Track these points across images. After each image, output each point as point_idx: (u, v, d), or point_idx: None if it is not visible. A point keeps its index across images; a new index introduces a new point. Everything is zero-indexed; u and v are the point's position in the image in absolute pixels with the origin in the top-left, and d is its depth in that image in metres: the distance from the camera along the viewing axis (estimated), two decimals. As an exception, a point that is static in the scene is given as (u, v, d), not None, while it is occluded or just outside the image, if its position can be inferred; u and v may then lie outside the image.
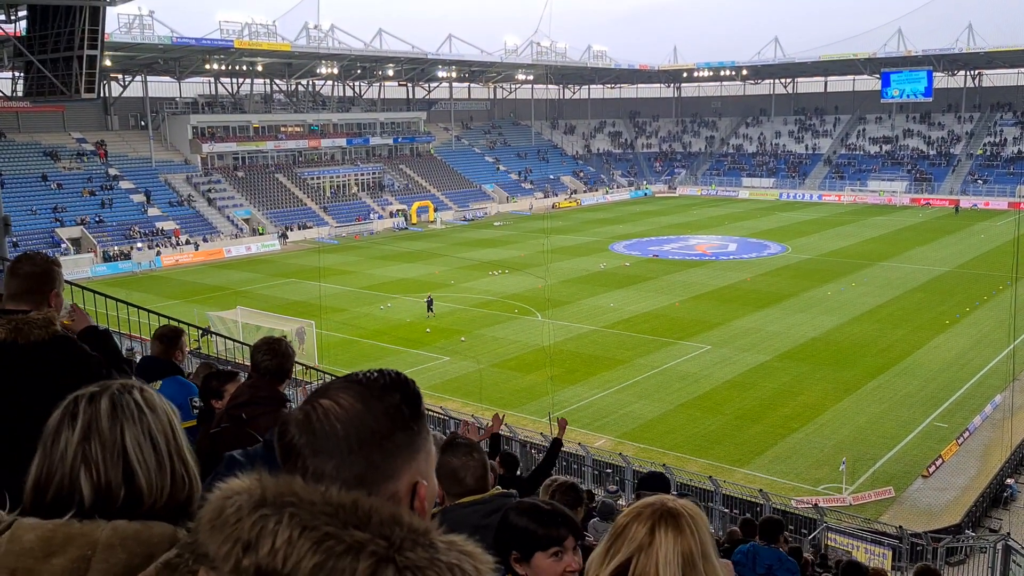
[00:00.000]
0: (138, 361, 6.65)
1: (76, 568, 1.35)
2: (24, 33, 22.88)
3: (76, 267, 50.42)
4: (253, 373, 4.20)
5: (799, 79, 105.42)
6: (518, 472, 8.87)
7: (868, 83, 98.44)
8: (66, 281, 3.78)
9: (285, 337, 3.88)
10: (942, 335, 36.41)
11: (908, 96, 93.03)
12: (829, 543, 19.45)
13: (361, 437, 1.26)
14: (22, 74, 23.90)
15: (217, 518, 1.09)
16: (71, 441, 1.43)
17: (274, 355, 4.09)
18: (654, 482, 4.73)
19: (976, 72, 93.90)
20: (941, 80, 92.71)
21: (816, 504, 21.15)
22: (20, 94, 24.78)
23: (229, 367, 9.44)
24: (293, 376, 5.46)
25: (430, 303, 41.36)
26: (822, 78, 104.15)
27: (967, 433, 26.24)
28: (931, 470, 23.88)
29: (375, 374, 1.36)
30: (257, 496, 1.09)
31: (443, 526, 1.14)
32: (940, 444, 25.40)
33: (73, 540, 1.37)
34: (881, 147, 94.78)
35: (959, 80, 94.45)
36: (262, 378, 4.09)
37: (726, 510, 20.45)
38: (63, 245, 55.98)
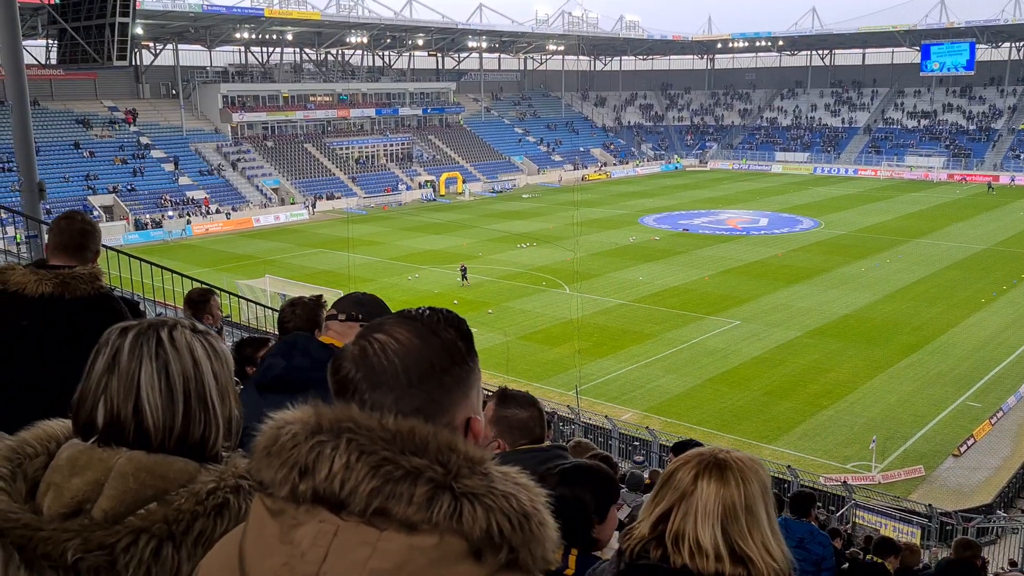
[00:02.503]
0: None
1: (90, 490, 1.40)
2: (58, 1, 22.98)
3: (109, 235, 51.00)
4: (280, 337, 4.15)
5: (836, 51, 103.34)
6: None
7: (907, 55, 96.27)
8: (102, 245, 3.78)
9: (322, 297, 3.82)
10: (977, 314, 35.78)
11: (949, 69, 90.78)
12: (857, 520, 19.31)
13: (421, 371, 1.24)
14: (55, 41, 24.04)
15: (273, 444, 1.12)
16: (96, 370, 1.47)
17: (294, 313, 4.03)
18: (690, 445, 4.64)
19: (1021, 44, 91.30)
20: (984, 52, 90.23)
21: (845, 481, 20.97)
22: (54, 61, 24.97)
23: (259, 335, 9.46)
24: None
25: (464, 271, 41.57)
26: (860, 50, 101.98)
27: (1000, 413, 25.83)
28: (962, 449, 23.57)
29: (428, 311, 1.33)
30: (313, 423, 1.12)
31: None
32: (972, 424, 25.04)
33: (92, 464, 1.42)
34: (919, 121, 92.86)
35: (1003, 52, 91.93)
36: None
37: (753, 486, 20.32)
38: (95, 212, 56.65)
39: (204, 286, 7.21)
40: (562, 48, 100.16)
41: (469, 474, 1.07)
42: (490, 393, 3.54)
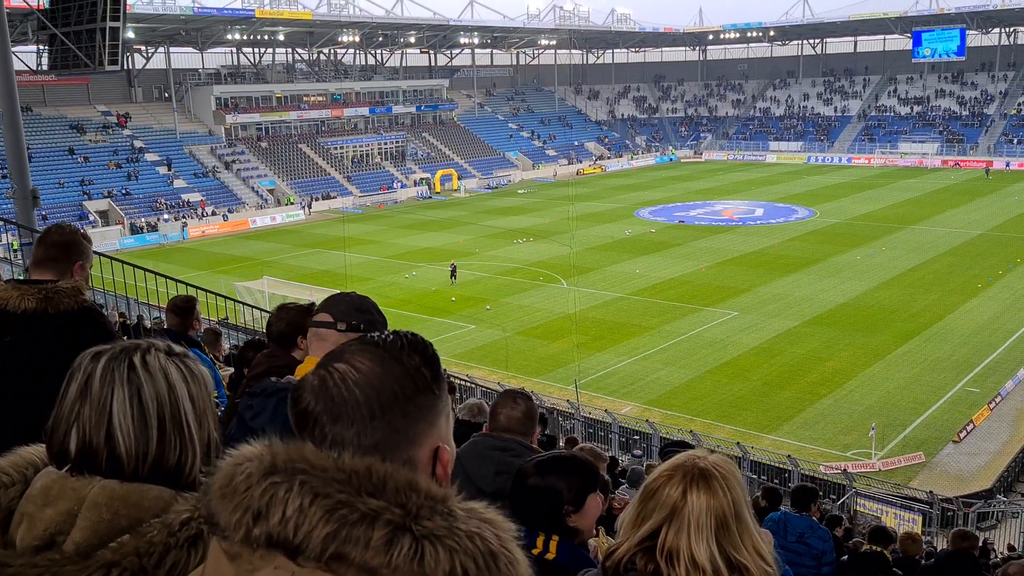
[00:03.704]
0: (155, 334, 6.66)
1: (63, 521, 1.37)
2: (47, 5, 22.90)
3: (104, 239, 50.96)
4: (269, 343, 4.15)
5: (828, 39, 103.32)
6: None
7: (899, 43, 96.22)
8: (95, 252, 3.75)
9: (313, 305, 3.78)
10: (974, 299, 35.85)
11: (940, 55, 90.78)
12: (858, 509, 19.36)
13: (382, 401, 1.19)
14: (46, 47, 23.96)
15: (227, 486, 1.06)
16: (69, 397, 1.44)
17: (279, 317, 4.03)
18: (679, 448, 4.70)
19: (1011, 29, 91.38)
20: (974, 38, 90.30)
21: (845, 470, 21.03)
22: (45, 67, 24.89)
23: (257, 336, 9.47)
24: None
25: (453, 270, 41.51)
26: (851, 38, 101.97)
27: (999, 398, 25.89)
28: (962, 435, 23.63)
29: (391, 336, 1.29)
30: (267, 463, 1.06)
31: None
32: (971, 409, 25.09)
33: (65, 494, 1.38)
34: (912, 108, 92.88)
35: (993, 38, 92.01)
36: (278, 346, 4.05)
37: (754, 476, 20.38)
38: (91, 217, 56.57)
39: (185, 294, 7.19)
40: (554, 42, 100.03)
41: (430, 514, 1.02)
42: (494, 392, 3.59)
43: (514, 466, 3.14)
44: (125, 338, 3.23)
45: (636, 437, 23.07)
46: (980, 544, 12.38)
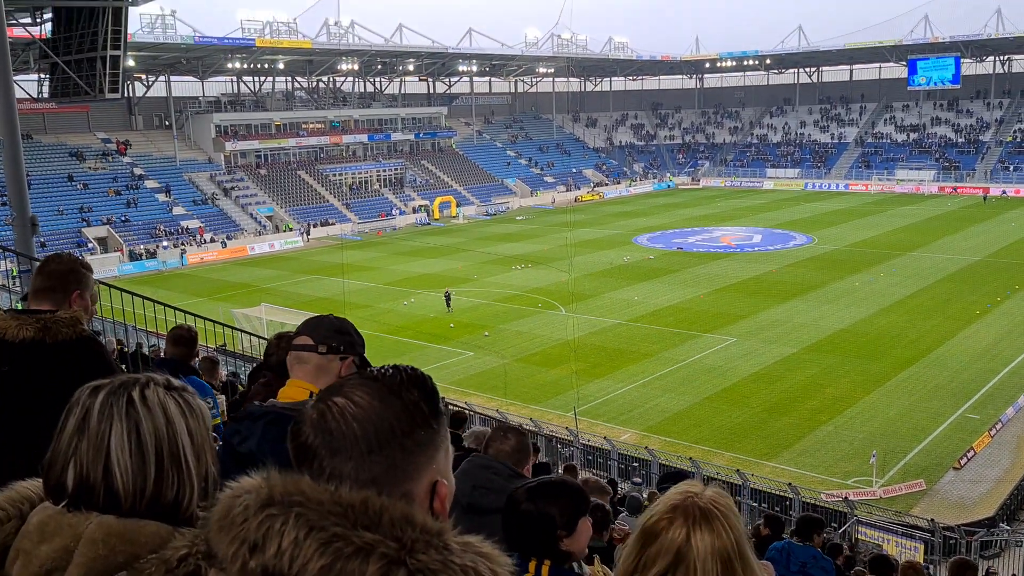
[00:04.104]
0: (154, 362, 6.62)
1: (59, 558, 1.35)
2: (49, 35, 23.10)
3: (103, 266, 50.97)
4: (266, 372, 4.12)
5: (824, 68, 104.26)
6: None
7: (894, 71, 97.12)
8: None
9: None
10: (973, 325, 35.84)
11: (935, 83, 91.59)
12: (860, 537, 19.20)
13: (380, 436, 1.21)
14: (47, 76, 24.15)
15: (225, 518, 1.08)
16: (67, 432, 1.43)
17: (279, 346, 4.00)
18: (676, 480, 4.73)
19: (1005, 58, 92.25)
20: (969, 66, 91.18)
21: (846, 497, 20.88)
22: (46, 95, 25.05)
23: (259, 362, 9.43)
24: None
25: (448, 298, 41.33)
26: (847, 66, 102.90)
27: (999, 424, 25.79)
28: (963, 462, 23.50)
29: (391, 370, 1.30)
30: (264, 495, 1.08)
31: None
32: (972, 436, 24.98)
33: (62, 530, 1.37)
34: (908, 135, 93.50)
35: (987, 66, 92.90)
36: (277, 376, 4.02)
37: (755, 504, 20.24)
38: (90, 245, 56.62)
39: (187, 325, 7.18)
40: (552, 70, 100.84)
41: (425, 548, 1.03)
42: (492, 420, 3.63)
43: (493, 483, 3.27)
44: (124, 366, 3.21)
45: (635, 464, 22.93)
46: (984, 572, 12.26)
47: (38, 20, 24.66)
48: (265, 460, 1.17)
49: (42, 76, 27.24)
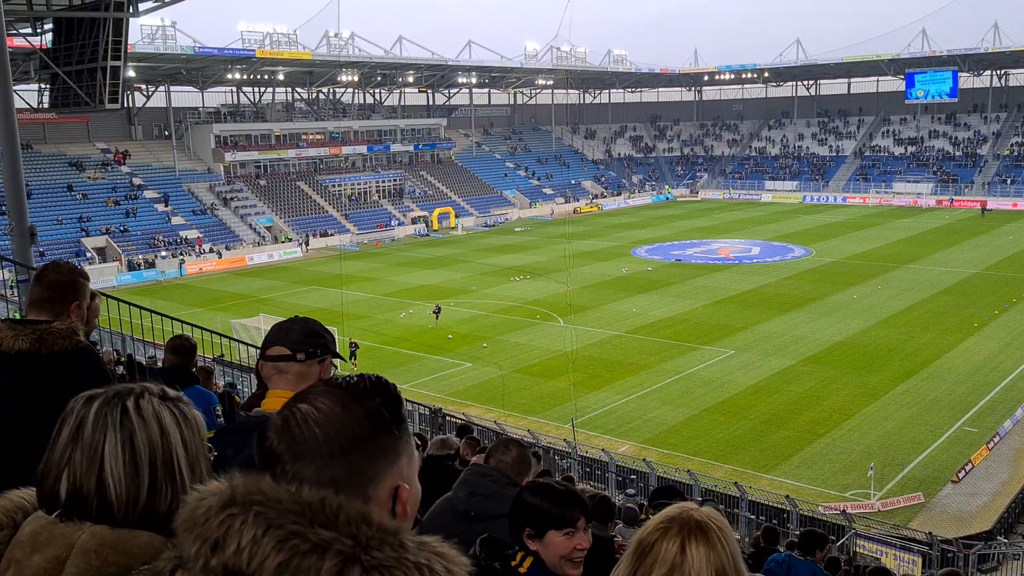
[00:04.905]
0: (153, 372, 6.63)
1: (51, 567, 1.35)
2: (50, 45, 23.16)
3: (101, 276, 50.97)
4: (260, 384, 4.11)
5: (822, 81, 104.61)
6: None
7: (892, 84, 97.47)
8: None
9: None
10: (971, 338, 35.85)
11: (933, 97, 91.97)
12: (858, 550, 19.15)
13: (342, 441, 1.24)
14: (47, 86, 24.20)
15: (189, 519, 1.11)
16: (60, 441, 1.43)
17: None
18: (669, 495, 4.78)
19: (1003, 72, 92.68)
20: (966, 80, 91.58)
21: (844, 510, 20.84)
22: (46, 105, 25.11)
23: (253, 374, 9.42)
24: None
25: (438, 312, 40.94)
26: (845, 80, 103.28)
27: (997, 437, 25.77)
28: (961, 475, 23.46)
29: (354, 378, 1.33)
30: (226, 496, 1.11)
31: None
32: (970, 449, 24.96)
33: (54, 540, 1.37)
34: (906, 148, 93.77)
35: (985, 80, 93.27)
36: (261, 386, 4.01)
37: (752, 516, 20.20)
38: (88, 254, 56.61)
39: (184, 334, 7.18)
40: (551, 82, 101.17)
41: (380, 545, 1.05)
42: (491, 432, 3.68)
43: (489, 490, 3.33)
44: (122, 373, 3.22)
45: (633, 476, 22.88)
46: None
47: (39, 30, 24.71)
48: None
49: (42, 86, 27.29)
